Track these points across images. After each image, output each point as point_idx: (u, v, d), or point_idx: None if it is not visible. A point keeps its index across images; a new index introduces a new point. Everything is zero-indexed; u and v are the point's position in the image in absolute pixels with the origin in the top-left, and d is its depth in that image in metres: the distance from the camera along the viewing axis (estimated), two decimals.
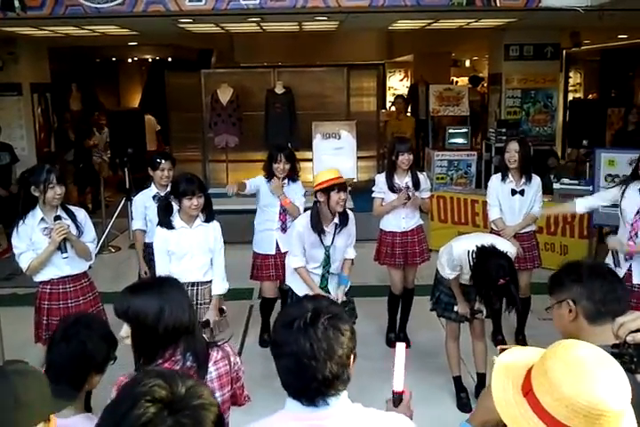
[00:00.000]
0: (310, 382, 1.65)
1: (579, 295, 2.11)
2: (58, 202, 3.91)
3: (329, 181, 4.01)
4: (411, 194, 5.01)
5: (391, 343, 5.40)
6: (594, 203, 4.69)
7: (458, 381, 4.48)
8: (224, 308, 4.22)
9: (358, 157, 8.64)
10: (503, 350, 1.67)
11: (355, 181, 8.36)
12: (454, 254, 4.05)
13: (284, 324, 1.70)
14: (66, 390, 1.92)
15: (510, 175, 4.93)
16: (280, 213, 5.11)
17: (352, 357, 1.73)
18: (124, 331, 2.27)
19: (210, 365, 2.28)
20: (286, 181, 5.06)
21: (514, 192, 4.94)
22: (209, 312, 4.07)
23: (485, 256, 3.76)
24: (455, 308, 4.33)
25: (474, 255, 3.81)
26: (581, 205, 4.67)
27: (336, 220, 4.16)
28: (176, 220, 4.02)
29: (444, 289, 4.41)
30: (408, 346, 5.30)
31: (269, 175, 5.04)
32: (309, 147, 8.65)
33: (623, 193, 4.27)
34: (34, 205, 3.90)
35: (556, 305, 2.17)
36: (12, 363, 1.74)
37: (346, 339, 1.69)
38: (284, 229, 5.12)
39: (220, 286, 4.14)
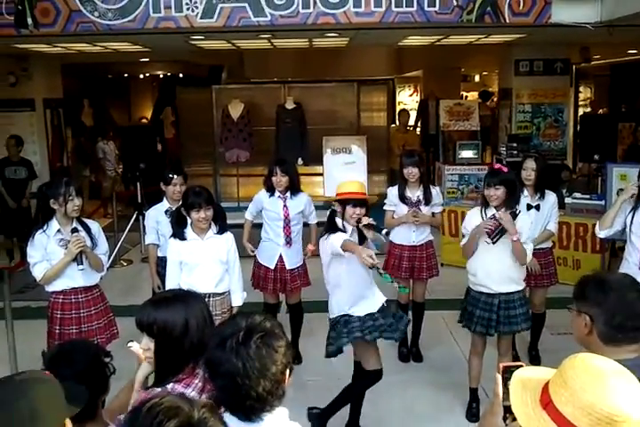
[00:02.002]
0: (245, 400, 1.68)
1: (597, 316, 2.07)
2: (77, 214, 3.99)
3: (347, 194, 3.95)
4: (419, 213, 5.04)
5: (403, 358, 5.38)
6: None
7: (474, 392, 4.46)
8: None
9: (369, 172, 8.64)
10: (506, 367, 1.67)
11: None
12: None
13: (217, 343, 1.72)
14: (78, 392, 1.90)
15: (525, 190, 4.92)
16: (284, 227, 5.13)
17: (288, 372, 1.76)
18: (143, 343, 2.26)
19: None
20: (288, 193, 5.09)
21: (529, 207, 4.93)
22: None
23: None
24: (478, 312, 4.24)
25: None
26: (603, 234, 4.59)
27: (353, 234, 3.98)
28: (188, 231, 4.06)
29: (469, 299, 4.35)
30: (420, 360, 5.34)
31: (269, 189, 5.11)
32: (320, 161, 8.66)
33: (633, 217, 4.22)
34: (50, 217, 3.97)
35: (576, 312, 2.15)
36: (26, 372, 1.73)
37: (280, 355, 1.72)
38: (289, 243, 5.14)
39: (238, 297, 4.22)
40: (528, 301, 4.53)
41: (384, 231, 4.04)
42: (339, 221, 3.95)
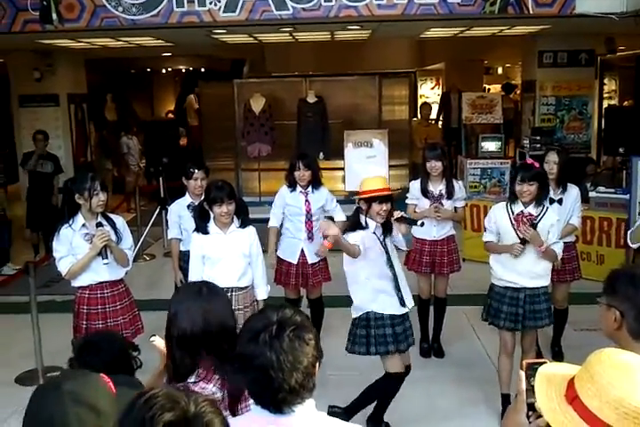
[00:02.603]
0: (277, 393, 1.69)
1: (628, 311, 2.04)
2: (101, 209, 4.02)
3: (372, 191, 3.88)
4: (441, 209, 5.03)
5: (425, 353, 5.37)
6: None
7: (506, 399, 4.23)
8: None
9: (390, 166, 8.61)
10: (529, 364, 1.66)
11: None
12: None
13: (250, 337, 1.73)
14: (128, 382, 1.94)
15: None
16: (306, 222, 5.13)
17: (317, 364, 1.78)
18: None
19: None
20: (310, 188, 5.10)
21: (552, 201, 4.87)
22: None
23: None
24: (505, 308, 4.21)
25: None
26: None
27: (376, 229, 3.95)
28: (211, 226, 4.08)
29: (493, 295, 4.31)
30: (442, 356, 5.33)
31: (291, 184, 5.10)
32: (341, 156, 8.65)
33: None
34: (76, 212, 4.01)
35: (605, 307, 2.12)
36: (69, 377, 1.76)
37: (310, 348, 1.74)
38: (310, 238, 5.14)
39: (262, 291, 4.24)
40: (550, 296, 4.50)
41: (419, 222, 4.08)
42: (362, 217, 3.94)
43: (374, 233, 3.90)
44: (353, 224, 3.96)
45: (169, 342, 2.26)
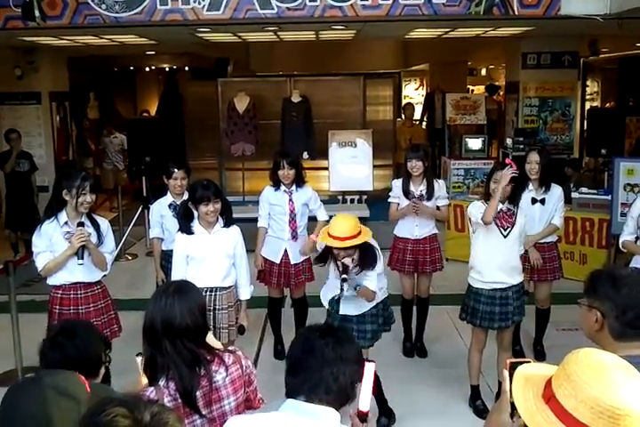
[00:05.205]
0: (326, 393, 1.77)
1: (609, 311, 2.05)
2: (86, 209, 3.98)
3: (334, 238, 3.68)
4: (419, 204, 5.04)
5: (408, 353, 5.38)
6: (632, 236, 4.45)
7: (475, 389, 4.47)
8: (245, 325, 4.22)
9: (374, 166, 8.62)
10: (512, 363, 1.67)
11: (371, 189, 8.37)
12: None
13: (311, 336, 1.85)
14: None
15: (530, 184, 4.90)
16: (290, 222, 5.12)
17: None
18: None
19: (222, 370, 2.32)
20: (294, 187, 5.08)
21: (534, 201, 4.91)
22: (241, 316, 4.17)
23: None
24: (480, 307, 4.29)
25: None
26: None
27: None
28: (196, 225, 4.05)
29: (482, 299, 4.34)
30: (425, 356, 5.34)
31: (275, 183, 5.08)
32: (326, 156, 8.65)
33: None
34: (60, 209, 3.96)
35: (586, 308, 2.13)
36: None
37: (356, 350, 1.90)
38: (294, 238, 5.13)
39: (246, 291, 4.22)
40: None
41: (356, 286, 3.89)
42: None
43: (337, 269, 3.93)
44: (321, 255, 4.02)
45: (150, 340, 2.28)
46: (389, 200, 5.27)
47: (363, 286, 3.86)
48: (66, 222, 3.96)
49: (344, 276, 3.79)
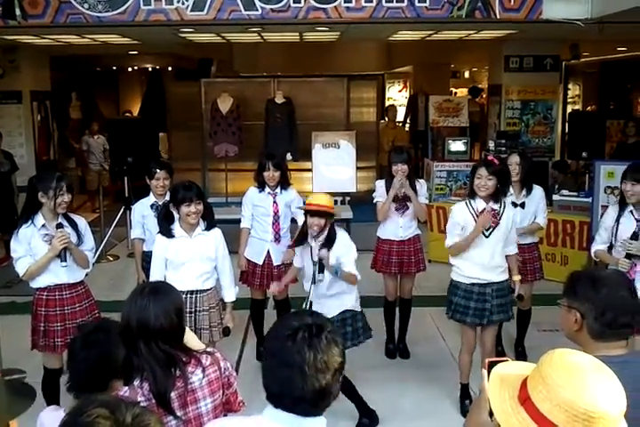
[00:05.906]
0: (305, 393, 1.66)
1: (588, 312, 2.07)
2: (63, 210, 3.93)
3: (310, 205, 4.05)
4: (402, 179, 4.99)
5: (390, 354, 5.39)
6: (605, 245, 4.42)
7: (465, 388, 4.49)
8: (230, 326, 4.20)
9: (357, 168, 8.63)
10: (491, 362, 1.66)
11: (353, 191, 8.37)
12: None
13: (288, 334, 1.69)
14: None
15: (511, 188, 4.90)
16: (273, 224, 5.10)
17: (340, 374, 1.75)
18: None
19: (199, 371, 2.31)
20: (278, 189, 5.07)
21: (514, 205, 4.92)
22: (226, 318, 4.15)
23: None
24: (472, 304, 4.29)
25: None
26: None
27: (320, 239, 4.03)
28: (176, 228, 3.99)
29: (459, 293, 4.37)
30: (407, 357, 5.35)
31: (260, 184, 5.07)
32: (309, 157, 8.64)
33: (618, 221, 4.20)
34: (36, 211, 3.90)
35: (565, 308, 2.14)
36: None
37: (341, 354, 1.72)
38: (277, 240, 5.11)
39: (231, 293, 4.20)
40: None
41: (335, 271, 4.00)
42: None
43: (310, 246, 4.04)
44: (300, 235, 4.16)
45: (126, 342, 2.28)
46: (375, 201, 5.24)
47: (342, 270, 3.98)
48: (43, 225, 3.90)
49: (320, 252, 3.90)
